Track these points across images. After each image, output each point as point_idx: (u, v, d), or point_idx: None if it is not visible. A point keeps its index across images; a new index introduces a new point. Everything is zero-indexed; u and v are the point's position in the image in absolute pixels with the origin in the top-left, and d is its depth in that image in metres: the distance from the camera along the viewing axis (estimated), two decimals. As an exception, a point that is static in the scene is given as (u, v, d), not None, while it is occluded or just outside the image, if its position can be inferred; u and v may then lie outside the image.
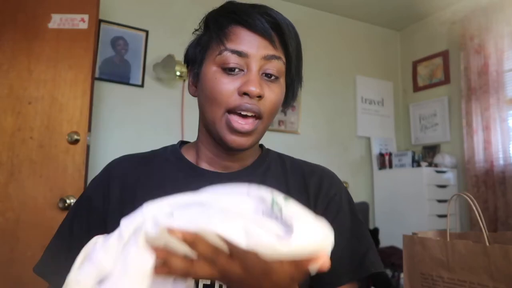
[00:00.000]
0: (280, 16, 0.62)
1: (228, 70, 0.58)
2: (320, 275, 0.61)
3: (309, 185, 0.67)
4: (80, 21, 1.85)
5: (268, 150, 0.74)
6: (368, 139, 3.25)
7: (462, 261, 0.52)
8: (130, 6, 2.46)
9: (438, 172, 2.80)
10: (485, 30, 2.68)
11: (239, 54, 0.58)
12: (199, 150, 0.67)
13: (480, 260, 0.50)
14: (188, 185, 0.61)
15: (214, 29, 0.61)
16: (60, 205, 1.68)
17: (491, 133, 2.60)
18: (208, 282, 0.55)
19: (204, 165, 0.66)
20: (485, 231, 0.53)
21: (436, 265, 0.54)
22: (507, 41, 2.59)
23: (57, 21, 1.83)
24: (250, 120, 0.59)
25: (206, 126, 0.64)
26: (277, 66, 0.61)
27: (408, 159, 2.96)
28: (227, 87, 0.58)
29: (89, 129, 1.89)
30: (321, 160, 3.63)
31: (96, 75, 2.23)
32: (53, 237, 0.65)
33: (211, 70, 0.60)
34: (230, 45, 0.58)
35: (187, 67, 0.69)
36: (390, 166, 3.07)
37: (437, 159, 2.91)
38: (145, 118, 2.37)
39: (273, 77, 0.61)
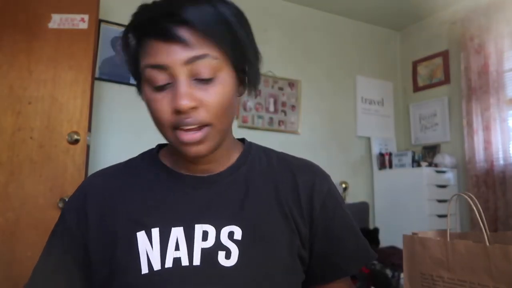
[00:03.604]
0: (194, 9, 0.53)
1: (158, 88, 0.54)
2: (331, 265, 0.65)
3: (299, 182, 0.65)
4: (80, 21, 1.85)
5: (251, 144, 0.70)
6: (368, 139, 3.25)
7: (462, 261, 0.52)
8: (130, 6, 2.44)
9: (438, 172, 2.80)
10: (485, 30, 2.68)
11: (159, 67, 0.53)
12: (175, 156, 0.64)
13: (480, 260, 0.50)
14: (170, 192, 0.61)
15: (130, 49, 0.58)
16: (60, 205, 1.68)
17: (491, 133, 2.60)
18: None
19: (183, 170, 0.63)
20: (486, 231, 0.53)
21: (436, 265, 0.54)
22: (507, 41, 2.59)
23: (57, 21, 1.83)
24: (197, 130, 0.54)
25: None
26: (206, 65, 0.53)
27: (408, 159, 2.96)
28: (161, 106, 0.54)
29: (89, 129, 1.89)
30: (321, 160, 3.64)
31: (96, 75, 2.23)
32: (39, 258, 0.63)
33: (145, 90, 0.56)
34: (147, 61, 0.54)
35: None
36: (390, 166, 3.07)
37: (437, 159, 2.91)
38: (145, 118, 2.36)
39: (207, 79, 0.54)
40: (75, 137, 1.76)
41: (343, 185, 2.99)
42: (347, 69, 3.27)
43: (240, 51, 0.57)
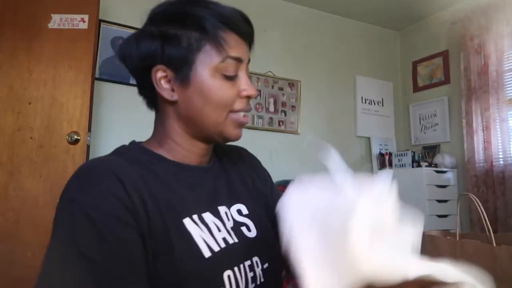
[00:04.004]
0: (249, 19, 0.65)
1: (229, 77, 0.61)
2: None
3: (249, 161, 0.79)
4: (80, 21, 1.85)
5: None
6: (368, 139, 3.25)
7: (469, 260, 0.52)
8: (130, 6, 2.46)
9: (438, 172, 2.81)
10: (485, 30, 2.68)
11: (238, 60, 0.61)
12: (170, 147, 0.64)
13: (486, 260, 0.51)
14: (186, 181, 0.62)
15: (211, 34, 0.59)
16: (60, 205, 1.68)
17: (491, 133, 2.60)
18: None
19: (181, 160, 0.64)
20: (490, 232, 0.53)
21: (444, 264, 0.55)
22: (507, 41, 2.59)
23: (57, 21, 1.83)
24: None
25: (198, 125, 0.62)
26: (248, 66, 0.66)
27: (408, 159, 2.96)
28: (231, 93, 0.61)
29: (89, 129, 1.89)
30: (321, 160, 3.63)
31: (96, 75, 2.23)
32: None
33: (212, 77, 0.60)
34: (231, 52, 0.60)
35: (144, 66, 0.61)
36: (390, 166, 3.07)
37: (437, 159, 2.91)
38: (145, 118, 2.36)
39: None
40: (75, 137, 1.76)
41: (343, 185, 2.99)
42: (347, 69, 3.27)
43: None
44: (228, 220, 0.63)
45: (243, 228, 0.64)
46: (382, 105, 3.38)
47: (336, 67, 3.22)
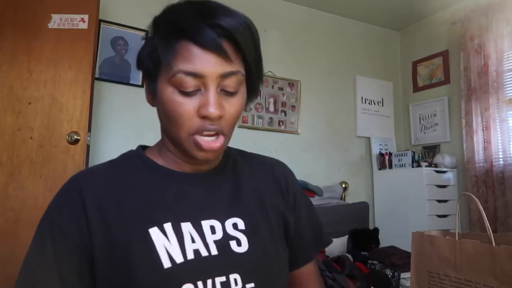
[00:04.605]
0: (232, 22, 0.54)
1: (186, 93, 0.55)
2: (294, 254, 0.69)
3: (277, 175, 0.72)
4: (80, 21, 1.85)
5: (228, 146, 0.73)
6: (368, 139, 3.25)
7: (469, 261, 0.52)
8: (130, 6, 2.46)
9: (438, 172, 2.80)
10: (485, 30, 2.68)
11: (194, 75, 0.54)
12: (166, 154, 0.65)
13: (486, 261, 0.51)
14: (171, 189, 0.62)
15: (161, 46, 0.55)
16: (60, 205, 1.68)
17: (491, 133, 2.60)
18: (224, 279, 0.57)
19: (175, 168, 0.64)
20: (490, 231, 0.53)
21: (444, 264, 0.55)
22: (507, 41, 2.59)
23: (57, 21, 1.84)
24: (216, 139, 0.57)
25: (170, 138, 0.62)
26: (235, 81, 0.56)
27: (408, 159, 2.96)
28: (186, 110, 0.55)
29: (89, 129, 1.89)
30: (321, 160, 3.62)
31: (96, 75, 2.23)
32: (27, 265, 0.58)
33: (167, 91, 0.56)
34: (183, 66, 0.53)
35: (142, 74, 0.63)
36: (390, 166, 3.07)
37: (437, 159, 2.91)
38: (145, 118, 2.37)
39: (232, 93, 0.57)
40: (75, 137, 1.76)
41: (343, 185, 2.99)
42: (347, 69, 3.27)
43: (257, 66, 0.60)
44: (214, 233, 0.60)
45: (232, 243, 0.60)
46: (382, 105, 3.38)
47: (336, 67, 3.22)
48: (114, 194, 0.59)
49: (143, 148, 0.69)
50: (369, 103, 3.31)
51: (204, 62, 0.53)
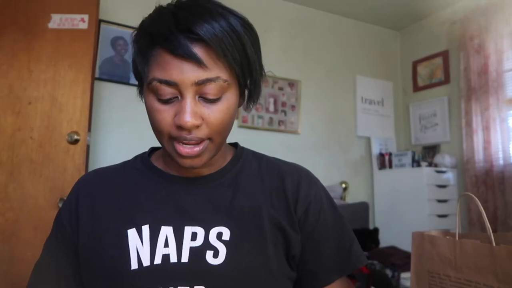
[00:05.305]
0: (210, 27, 0.51)
1: (163, 101, 0.54)
2: (311, 273, 0.64)
3: (286, 186, 0.65)
4: (80, 21, 1.85)
5: (243, 149, 0.72)
6: (368, 139, 3.26)
7: (469, 260, 0.52)
8: (130, 6, 2.46)
9: (438, 172, 2.81)
10: (485, 30, 2.68)
11: (168, 83, 0.52)
12: (165, 159, 0.66)
13: (486, 261, 0.50)
14: (160, 193, 0.63)
15: (138, 54, 0.56)
16: (60, 205, 1.68)
17: (490, 133, 2.60)
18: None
19: (174, 172, 0.65)
20: (490, 231, 0.53)
21: (444, 264, 0.55)
22: (507, 41, 2.59)
23: (57, 21, 1.83)
24: (196, 145, 0.55)
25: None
26: (215, 88, 0.53)
27: (408, 159, 2.96)
28: (164, 117, 0.54)
29: (89, 129, 1.89)
30: (321, 160, 3.62)
31: (96, 75, 2.23)
32: (38, 260, 0.65)
33: (149, 98, 0.56)
34: (157, 74, 0.53)
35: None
36: (390, 166, 3.08)
37: (437, 159, 2.91)
38: (145, 118, 2.36)
39: (213, 100, 0.54)
40: (75, 137, 1.76)
41: (343, 185, 3.00)
42: (347, 69, 3.27)
43: (248, 70, 0.57)
44: (194, 239, 0.58)
45: (209, 253, 0.57)
46: (382, 105, 3.38)
47: (336, 67, 3.22)
48: (105, 195, 0.64)
49: (153, 149, 0.72)
50: (369, 103, 3.31)
51: (177, 70, 0.52)
